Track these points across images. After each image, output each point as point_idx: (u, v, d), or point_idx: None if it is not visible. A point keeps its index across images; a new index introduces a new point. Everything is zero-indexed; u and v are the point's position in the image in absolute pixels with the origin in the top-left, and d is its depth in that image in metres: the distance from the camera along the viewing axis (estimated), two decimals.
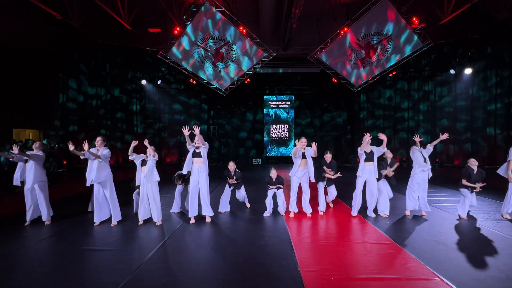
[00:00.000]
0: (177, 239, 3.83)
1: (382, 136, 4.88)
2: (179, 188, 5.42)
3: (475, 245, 3.58)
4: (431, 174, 4.96)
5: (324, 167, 5.26)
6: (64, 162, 11.94)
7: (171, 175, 5.24)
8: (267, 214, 5.06)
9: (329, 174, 5.22)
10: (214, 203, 5.27)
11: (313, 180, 4.85)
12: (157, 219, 4.51)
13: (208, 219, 4.56)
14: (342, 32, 9.46)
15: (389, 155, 5.26)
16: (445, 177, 10.60)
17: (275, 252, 3.42)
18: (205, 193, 4.49)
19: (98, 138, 4.62)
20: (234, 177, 5.14)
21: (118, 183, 6.26)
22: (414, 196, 4.95)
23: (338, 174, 5.19)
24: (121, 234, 4.10)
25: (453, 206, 5.60)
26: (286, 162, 15.71)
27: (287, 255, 3.31)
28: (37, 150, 4.73)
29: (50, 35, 11.35)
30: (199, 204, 4.63)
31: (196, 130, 4.42)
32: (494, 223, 4.49)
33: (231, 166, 5.15)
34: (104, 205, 4.54)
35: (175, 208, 5.40)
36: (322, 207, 5.14)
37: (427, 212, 5.00)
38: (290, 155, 5.21)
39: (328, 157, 5.29)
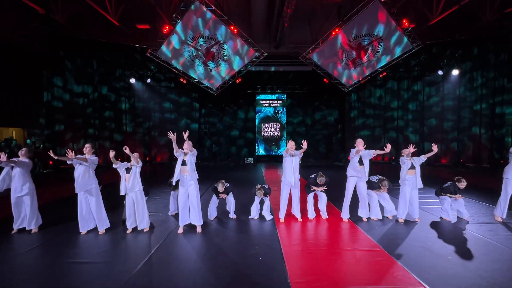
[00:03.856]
0: (166, 250, 3.78)
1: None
2: (173, 192, 5.38)
3: (459, 251, 3.69)
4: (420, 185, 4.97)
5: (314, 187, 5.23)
6: (50, 163, 11.61)
7: (161, 175, 5.17)
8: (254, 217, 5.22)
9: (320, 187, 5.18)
10: (204, 208, 5.21)
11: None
12: (145, 225, 4.47)
13: (199, 229, 4.49)
14: (333, 33, 9.46)
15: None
16: (433, 176, 10.86)
17: (265, 261, 3.42)
18: (195, 202, 4.40)
19: (87, 145, 4.47)
20: (225, 195, 5.15)
21: (106, 184, 6.15)
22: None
23: (325, 188, 5.17)
24: (109, 244, 4.02)
25: (439, 208, 5.75)
26: (278, 161, 15.76)
27: (277, 265, 3.33)
28: (23, 157, 4.54)
29: (33, 31, 10.90)
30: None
31: (185, 135, 4.33)
32: (477, 227, 4.63)
33: (221, 187, 4.93)
34: (90, 214, 4.42)
35: (172, 209, 5.46)
36: (311, 215, 5.19)
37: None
38: (282, 154, 5.21)
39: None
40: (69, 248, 3.87)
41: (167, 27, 9.24)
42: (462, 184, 4.80)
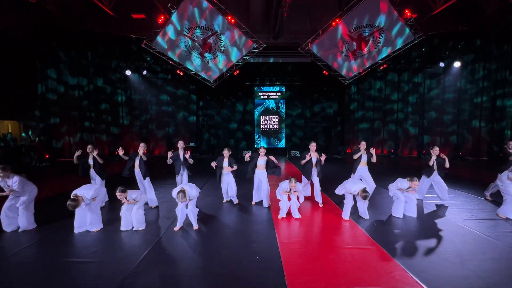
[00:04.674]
0: (162, 249, 3.72)
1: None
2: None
3: (457, 249, 3.65)
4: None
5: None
6: (46, 156, 11.51)
7: (160, 168, 5.07)
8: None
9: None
10: (202, 206, 5.16)
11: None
12: (142, 227, 4.42)
13: (195, 226, 4.44)
14: (333, 23, 9.21)
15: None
16: None
17: (262, 261, 3.38)
18: (192, 208, 4.43)
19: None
20: (234, 166, 5.40)
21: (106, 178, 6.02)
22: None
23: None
24: (104, 242, 3.96)
25: (438, 203, 5.73)
26: (276, 153, 15.67)
27: (274, 264, 3.29)
28: (6, 178, 4.08)
29: (26, 22, 10.57)
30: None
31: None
32: (476, 223, 4.60)
33: (226, 152, 5.38)
34: (86, 215, 4.34)
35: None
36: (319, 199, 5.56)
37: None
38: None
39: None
40: (64, 246, 3.81)
41: (163, 17, 8.96)
42: (436, 151, 5.71)
